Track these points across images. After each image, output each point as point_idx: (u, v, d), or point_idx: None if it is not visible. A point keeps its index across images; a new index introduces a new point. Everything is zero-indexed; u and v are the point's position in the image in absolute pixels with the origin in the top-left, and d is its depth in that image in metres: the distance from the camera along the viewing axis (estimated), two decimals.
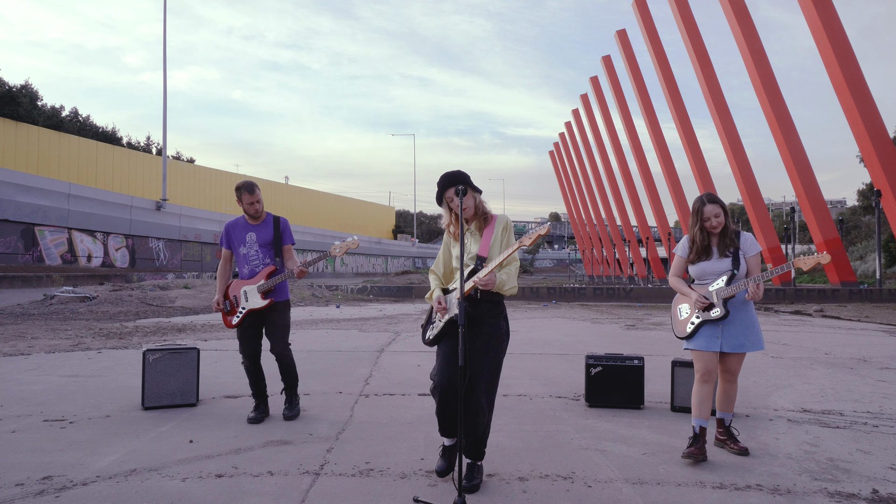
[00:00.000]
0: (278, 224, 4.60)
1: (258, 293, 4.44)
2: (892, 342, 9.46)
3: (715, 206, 3.66)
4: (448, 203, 3.28)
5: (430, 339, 3.36)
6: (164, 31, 37.35)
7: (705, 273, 3.71)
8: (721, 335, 3.65)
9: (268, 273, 4.48)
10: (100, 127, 49.78)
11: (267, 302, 4.44)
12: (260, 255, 4.52)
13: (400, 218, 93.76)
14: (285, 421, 4.43)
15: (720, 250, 3.68)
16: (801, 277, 28.42)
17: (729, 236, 3.68)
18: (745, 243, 3.69)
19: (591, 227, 51.87)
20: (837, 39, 19.11)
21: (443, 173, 3.28)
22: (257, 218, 4.57)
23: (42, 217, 30.47)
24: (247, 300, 4.48)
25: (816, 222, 21.67)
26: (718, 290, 3.63)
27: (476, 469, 3.21)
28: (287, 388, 4.62)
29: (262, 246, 4.53)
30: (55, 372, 6.27)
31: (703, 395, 3.67)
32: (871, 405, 5.03)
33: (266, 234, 4.55)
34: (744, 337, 3.64)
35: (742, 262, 3.64)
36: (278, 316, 4.55)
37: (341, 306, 17.64)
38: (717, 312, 3.62)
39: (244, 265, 4.55)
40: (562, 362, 7.19)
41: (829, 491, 3.12)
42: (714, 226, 3.66)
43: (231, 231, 4.61)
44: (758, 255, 3.67)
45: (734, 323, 3.65)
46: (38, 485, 3.12)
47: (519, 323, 12.38)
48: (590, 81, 43.03)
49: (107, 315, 13.46)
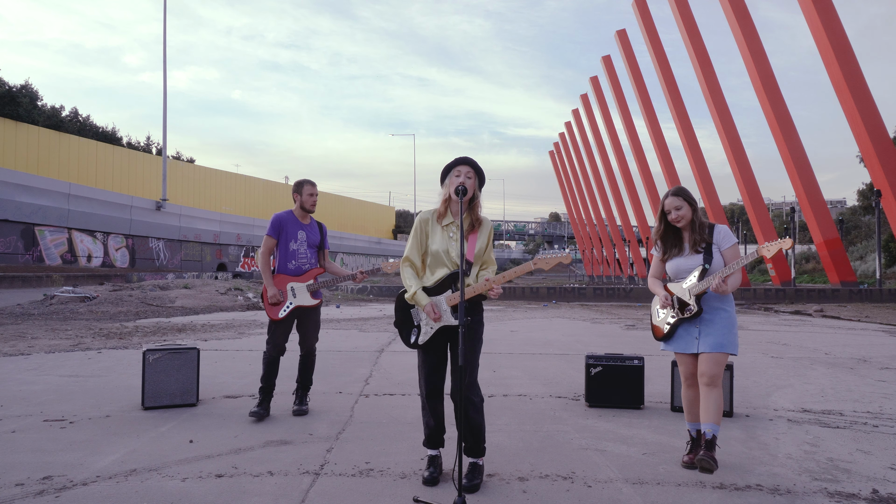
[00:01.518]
0: (322, 229, 4.92)
1: (307, 292, 4.69)
2: (892, 342, 9.46)
3: (676, 198, 3.49)
4: (452, 181, 3.19)
5: (423, 343, 3.25)
6: (164, 31, 37.39)
7: (679, 270, 3.56)
8: (699, 335, 3.45)
9: (317, 274, 4.77)
10: (100, 127, 49.77)
11: (317, 301, 4.73)
12: (308, 255, 4.76)
13: (400, 218, 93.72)
14: (294, 416, 4.58)
15: (691, 245, 3.51)
16: (801, 277, 28.44)
17: (698, 231, 3.50)
18: (719, 236, 3.51)
19: (591, 227, 51.86)
20: (837, 39, 19.11)
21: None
22: (312, 213, 4.83)
23: (42, 217, 30.48)
24: (295, 296, 4.67)
25: (816, 222, 21.68)
26: (691, 288, 3.47)
27: (477, 469, 3.20)
28: (302, 386, 4.77)
29: (311, 246, 4.79)
30: (55, 372, 6.27)
31: (691, 398, 3.57)
32: (871, 405, 5.03)
33: (315, 236, 4.83)
34: (722, 336, 3.39)
35: (716, 256, 3.47)
36: (317, 314, 4.81)
37: (341, 306, 17.64)
38: (690, 310, 3.46)
39: (291, 260, 4.70)
40: (562, 362, 7.19)
41: (829, 491, 3.12)
42: (674, 218, 3.49)
43: (285, 223, 4.73)
44: (734, 246, 3.49)
45: (712, 322, 3.43)
46: (38, 485, 3.12)
47: (519, 323, 12.38)
48: (590, 81, 43.04)
49: (107, 315, 13.46)
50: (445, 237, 3.25)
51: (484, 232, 3.27)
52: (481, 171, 3.26)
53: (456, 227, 3.26)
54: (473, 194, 3.21)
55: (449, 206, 3.29)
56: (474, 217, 3.26)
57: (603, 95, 41.52)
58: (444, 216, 3.28)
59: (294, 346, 4.89)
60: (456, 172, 3.21)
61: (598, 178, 46.90)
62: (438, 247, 3.24)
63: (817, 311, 15.74)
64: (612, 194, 44.25)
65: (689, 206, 3.49)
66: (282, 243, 4.72)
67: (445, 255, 3.23)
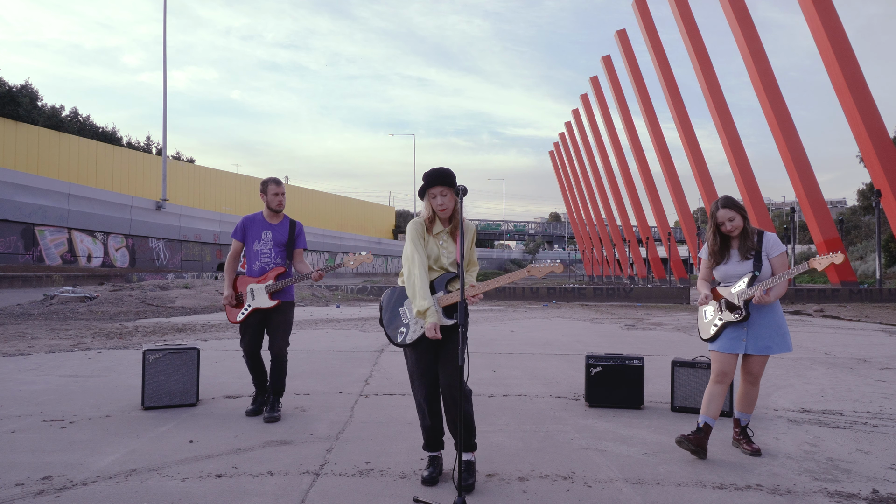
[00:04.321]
0: (294, 227, 4.70)
1: (266, 293, 4.52)
2: (892, 342, 9.46)
3: (728, 210, 3.67)
4: (430, 200, 3.26)
5: (412, 341, 3.24)
6: (164, 31, 37.34)
7: (728, 276, 3.76)
8: (746, 337, 3.68)
9: (277, 274, 4.55)
10: (100, 127, 49.74)
11: (275, 303, 4.52)
12: (272, 255, 4.59)
13: (400, 218, 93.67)
14: (266, 423, 4.36)
15: (741, 252, 3.70)
16: (801, 277, 28.41)
17: (749, 238, 3.70)
18: (768, 244, 3.71)
19: (591, 227, 51.86)
20: (837, 39, 19.12)
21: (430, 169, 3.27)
22: (278, 213, 4.67)
23: (42, 217, 30.47)
24: (253, 298, 4.54)
25: (816, 222, 21.68)
26: (739, 292, 3.66)
27: (470, 467, 3.19)
28: (274, 391, 4.56)
29: (276, 245, 4.61)
30: (55, 372, 6.26)
31: (714, 393, 3.72)
32: (871, 405, 5.03)
33: (282, 235, 4.65)
34: (769, 339, 3.66)
35: (765, 264, 3.67)
36: (283, 316, 4.61)
37: (341, 306, 17.64)
38: (738, 314, 3.66)
39: (255, 261, 4.60)
40: (562, 362, 7.19)
41: (829, 491, 3.12)
42: (729, 229, 3.69)
43: (248, 225, 4.65)
44: (782, 254, 3.68)
45: (760, 325, 3.67)
46: (38, 485, 3.12)
47: (519, 323, 12.38)
48: (590, 81, 43.05)
49: (107, 315, 13.45)
50: (435, 246, 3.32)
51: (467, 237, 3.35)
52: (455, 184, 3.25)
53: (445, 234, 3.33)
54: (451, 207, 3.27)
55: (434, 221, 3.34)
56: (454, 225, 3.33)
57: (603, 95, 41.53)
58: (432, 229, 3.33)
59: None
60: (431, 194, 3.25)
61: (598, 178, 46.92)
62: (430, 255, 3.32)
63: (817, 311, 15.74)
64: (612, 194, 44.26)
65: (740, 216, 3.68)
66: (247, 245, 4.64)
67: (435, 262, 3.30)
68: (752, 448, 3.74)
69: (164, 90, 37.21)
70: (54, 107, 45.39)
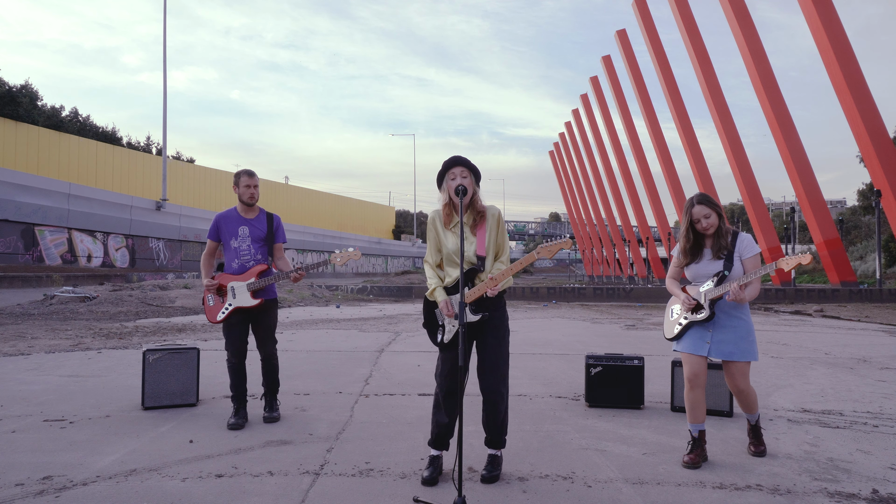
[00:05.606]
0: (272, 220, 4.48)
1: (247, 291, 4.32)
2: (892, 342, 9.46)
3: (704, 206, 3.55)
4: (449, 185, 3.24)
5: (447, 341, 3.30)
6: (164, 31, 37.34)
7: (698, 275, 3.64)
8: (710, 340, 3.55)
9: (259, 272, 4.36)
10: (100, 127, 49.76)
11: (257, 302, 4.33)
12: (252, 251, 4.39)
13: (400, 218, 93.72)
14: (266, 423, 4.34)
15: (714, 251, 3.58)
16: (801, 277, 28.42)
17: (724, 237, 3.57)
18: (742, 244, 3.57)
19: (591, 227, 51.86)
20: (837, 39, 19.11)
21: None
22: (251, 206, 4.44)
23: (42, 217, 30.47)
24: (234, 297, 4.33)
25: (816, 222, 21.68)
26: (707, 291, 3.54)
27: (497, 461, 3.27)
28: (268, 391, 4.50)
29: (255, 241, 4.41)
30: (55, 372, 6.26)
31: (694, 399, 3.60)
32: (871, 405, 5.03)
33: (259, 230, 4.43)
34: (734, 344, 3.52)
35: (736, 264, 3.54)
36: (266, 315, 4.45)
37: (341, 306, 17.63)
38: (703, 314, 3.54)
39: (234, 259, 4.39)
40: (562, 362, 7.19)
41: (829, 491, 3.12)
42: (705, 227, 3.56)
43: (222, 223, 4.43)
44: (755, 256, 3.55)
45: (725, 328, 3.54)
46: (38, 485, 3.12)
47: (519, 323, 12.37)
48: (590, 81, 43.05)
49: (107, 315, 13.45)
50: (455, 238, 3.29)
51: (490, 223, 3.31)
52: (475, 168, 3.28)
53: (467, 229, 3.29)
54: (473, 192, 3.24)
55: (452, 209, 3.31)
56: (476, 212, 3.30)
57: (603, 95, 41.52)
58: (451, 218, 3.32)
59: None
60: (451, 175, 3.24)
61: (598, 178, 46.91)
62: (451, 248, 3.30)
63: (817, 311, 15.74)
64: (612, 194, 44.26)
65: (716, 213, 3.57)
66: (224, 243, 4.41)
67: (456, 255, 3.27)
68: (756, 449, 3.70)
69: (164, 90, 37.24)
70: (54, 107, 45.41)
